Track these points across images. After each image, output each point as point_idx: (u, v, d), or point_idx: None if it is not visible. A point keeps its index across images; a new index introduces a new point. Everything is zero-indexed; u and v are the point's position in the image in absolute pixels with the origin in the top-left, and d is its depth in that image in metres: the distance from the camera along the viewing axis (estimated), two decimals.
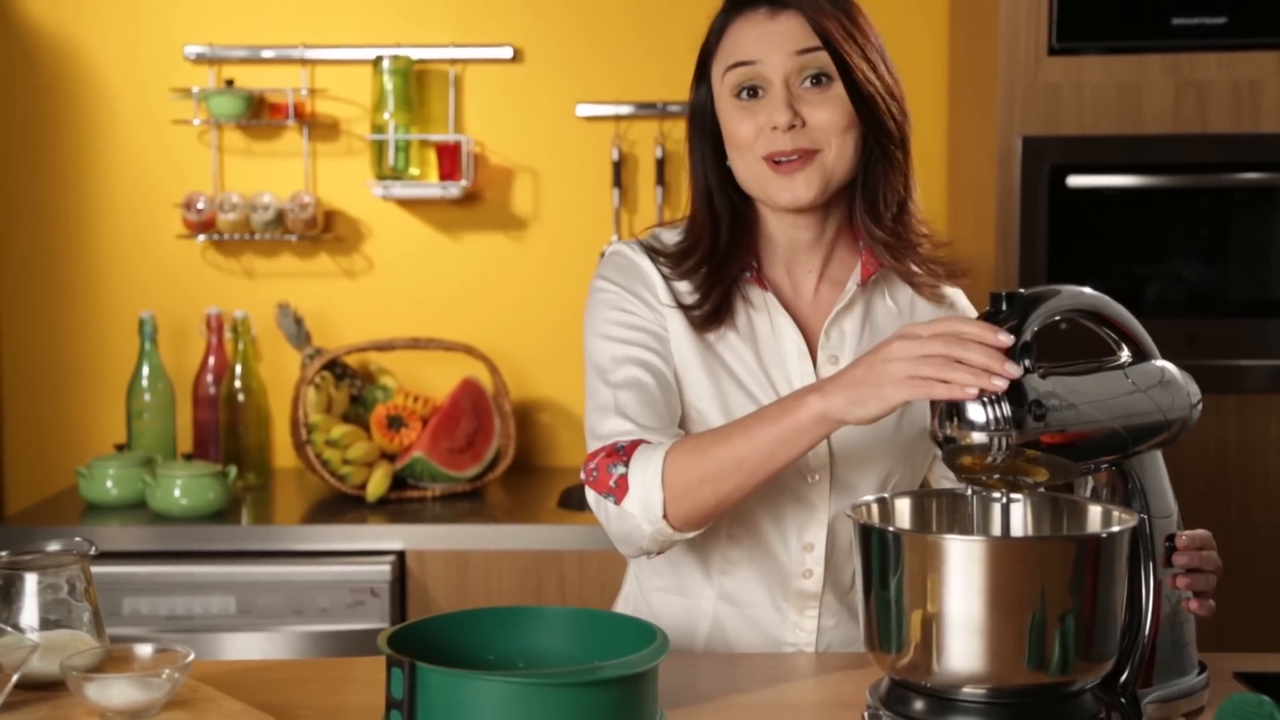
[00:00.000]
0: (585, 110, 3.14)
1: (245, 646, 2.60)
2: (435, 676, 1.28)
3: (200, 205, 3.07)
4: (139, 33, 3.16)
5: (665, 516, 1.50)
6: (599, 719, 1.29)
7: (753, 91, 1.59)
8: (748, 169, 1.61)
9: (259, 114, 3.14)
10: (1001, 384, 1.28)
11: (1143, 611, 1.42)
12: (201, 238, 3.11)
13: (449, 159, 3.09)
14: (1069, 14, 2.66)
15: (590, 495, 1.57)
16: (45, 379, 3.21)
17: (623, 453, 1.53)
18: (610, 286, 1.66)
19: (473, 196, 3.18)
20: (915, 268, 1.66)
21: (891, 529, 1.32)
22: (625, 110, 3.12)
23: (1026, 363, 1.31)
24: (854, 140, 1.59)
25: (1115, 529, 1.33)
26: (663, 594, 1.71)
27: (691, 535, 1.54)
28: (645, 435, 1.55)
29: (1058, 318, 1.37)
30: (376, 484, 2.83)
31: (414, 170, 3.11)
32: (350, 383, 2.99)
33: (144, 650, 1.40)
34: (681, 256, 1.65)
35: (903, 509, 1.45)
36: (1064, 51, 2.67)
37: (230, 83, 3.12)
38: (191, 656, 1.37)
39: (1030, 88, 2.68)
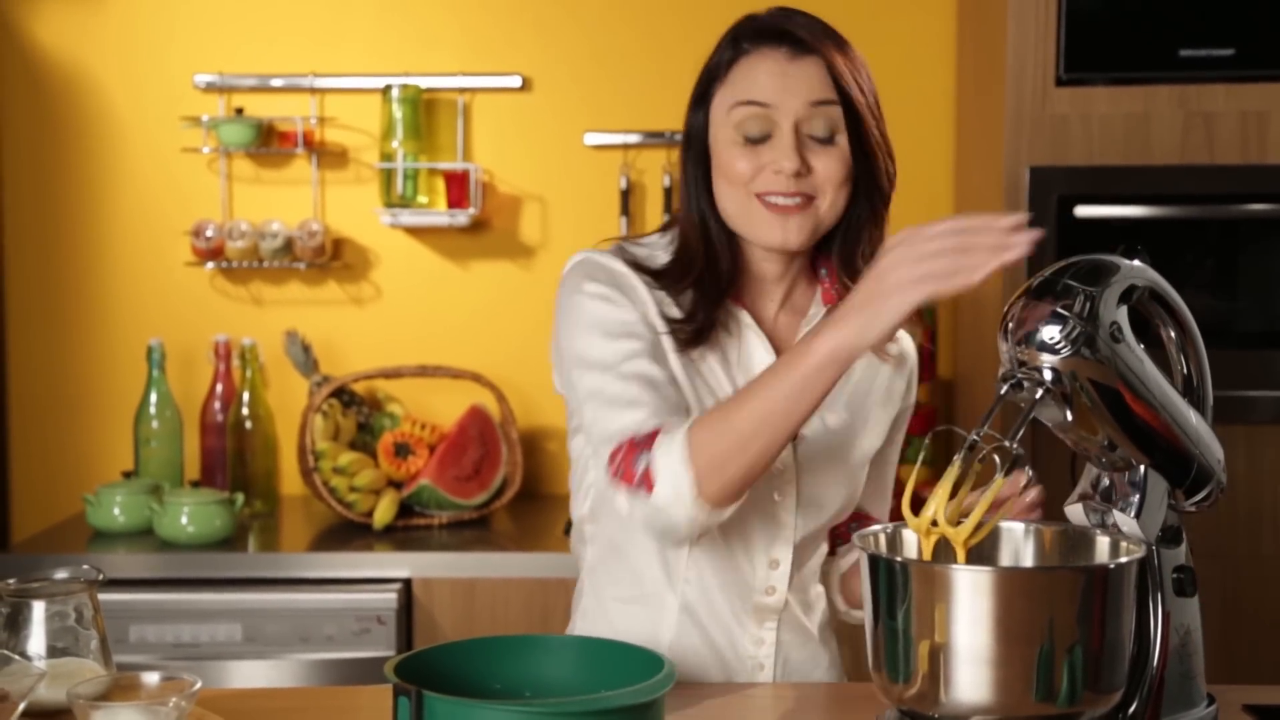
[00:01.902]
0: (593, 139, 3.15)
1: (251, 674, 2.59)
2: (442, 705, 1.28)
3: (209, 233, 3.09)
4: (149, 61, 3.18)
5: (700, 496, 1.46)
6: None
7: (756, 130, 1.57)
8: (738, 204, 1.60)
9: (268, 142, 3.15)
10: (1019, 250, 1.28)
11: (1151, 643, 1.41)
12: (210, 265, 3.11)
13: (457, 187, 3.09)
14: (1077, 45, 2.67)
15: (621, 498, 1.52)
16: (53, 406, 3.21)
17: (644, 443, 1.49)
18: (602, 289, 1.61)
19: (481, 225, 3.19)
20: None
21: (899, 559, 1.32)
22: (633, 139, 3.13)
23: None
24: (846, 194, 1.60)
25: (1123, 560, 1.32)
26: (622, 604, 1.68)
27: (729, 513, 1.50)
28: (661, 421, 1.51)
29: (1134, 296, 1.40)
30: (383, 512, 2.83)
31: (422, 198, 3.12)
32: (358, 410, 3.00)
33: (151, 678, 1.40)
34: (672, 277, 1.63)
35: (910, 539, 1.44)
36: (1072, 82, 2.68)
37: (240, 111, 3.13)
38: (198, 685, 1.37)
39: (1038, 118, 2.68)
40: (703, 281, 1.62)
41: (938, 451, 2.92)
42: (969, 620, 1.26)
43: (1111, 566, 1.30)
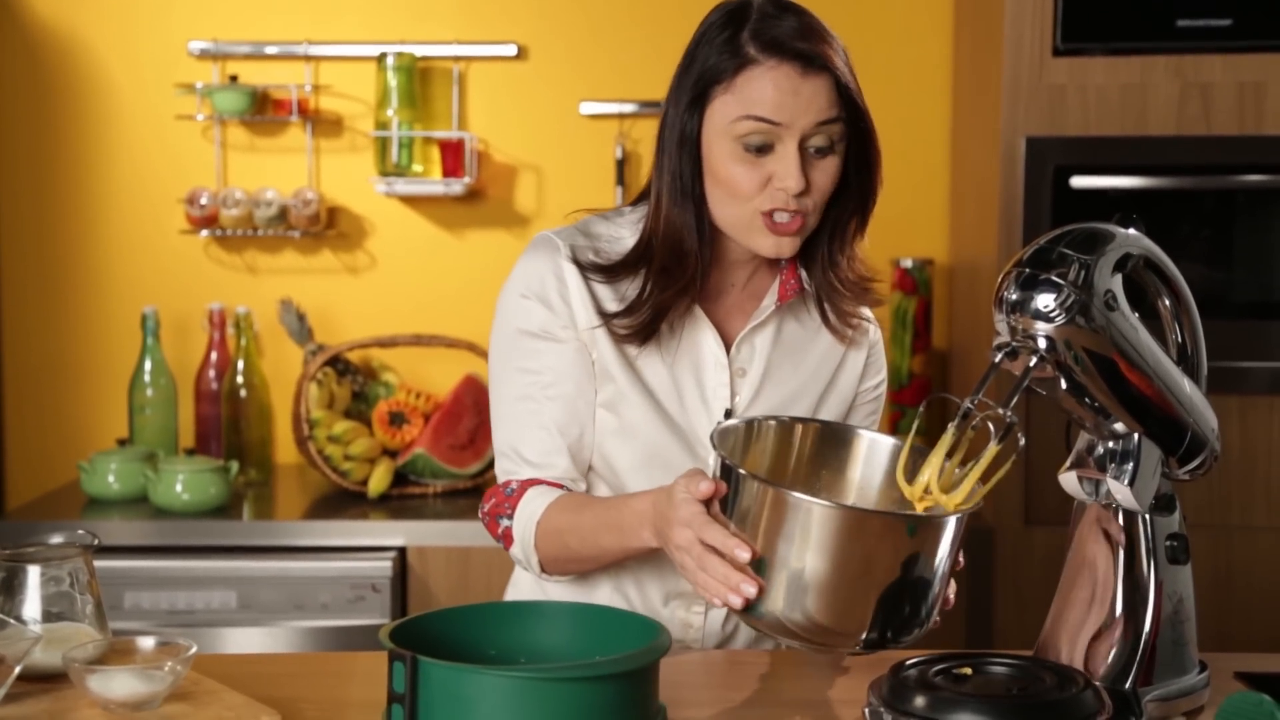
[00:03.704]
0: (589, 108, 3.14)
1: (246, 641, 2.60)
2: (437, 671, 1.28)
3: (203, 201, 3.08)
4: (143, 28, 3.16)
5: (544, 573, 1.62)
6: (600, 714, 1.29)
7: (763, 145, 1.53)
8: (739, 218, 1.56)
9: (263, 110, 3.14)
10: (736, 602, 1.33)
11: (1144, 610, 1.42)
12: (204, 233, 3.11)
13: (452, 156, 3.09)
14: (1074, 15, 2.66)
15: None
16: (48, 373, 3.21)
17: (509, 504, 1.60)
18: (529, 308, 1.62)
19: (476, 194, 3.18)
20: (846, 308, 1.68)
21: (741, 470, 1.35)
22: (629, 108, 3.12)
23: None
24: (826, 203, 1.60)
25: (939, 514, 1.34)
26: (554, 581, 1.68)
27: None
28: (537, 474, 1.61)
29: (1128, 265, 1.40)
30: (378, 480, 2.83)
31: (417, 167, 3.11)
32: (352, 379, 2.99)
33: (146, 643, 1.40)
34: (627, 267, 1.61)
35: (767, 435, 1.49)
36: (1069, 52, 2.67)
37: (234, 78, 3.12)
38: (194, 649, 1.37)
39: (1034, 88, 2.68)
40: (663, 285, 1.59)
41: (932, 421, 2.93)
42: (790, 541, 1.30)
43: (932, 519, 1.33)
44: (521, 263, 1.65)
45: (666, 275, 1.59)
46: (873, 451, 1.52)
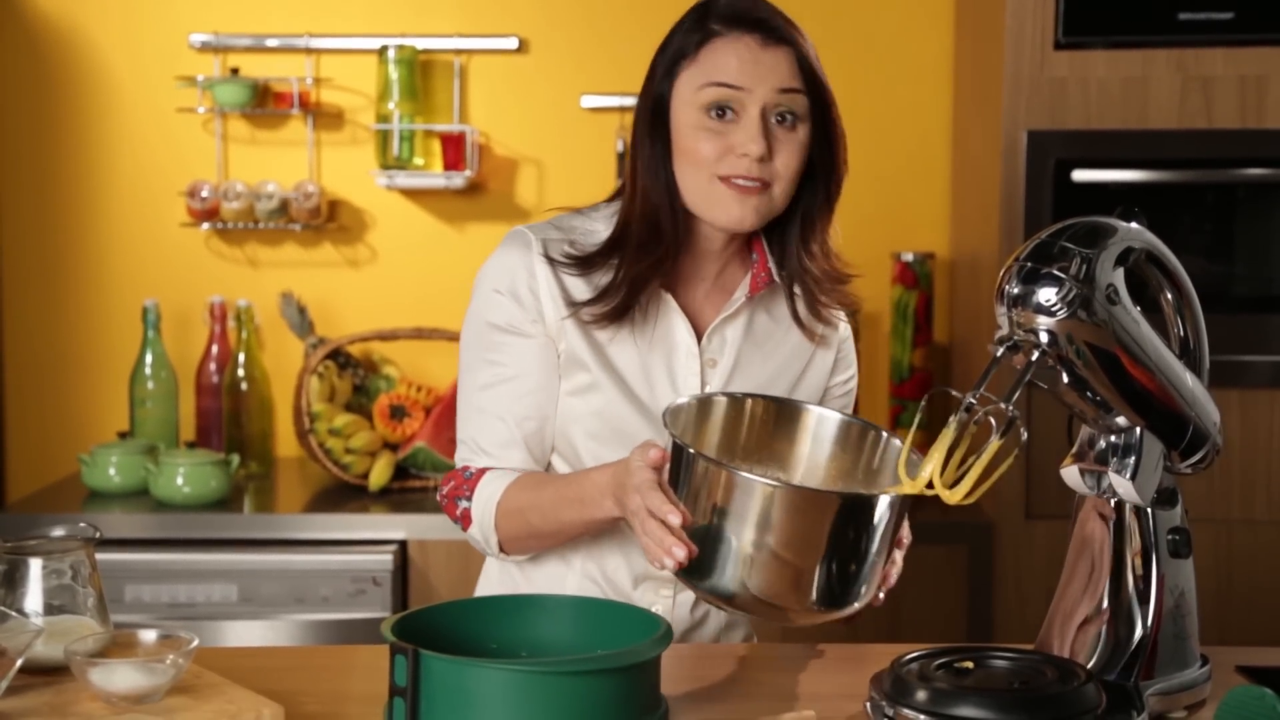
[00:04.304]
0: (590, 101, 3.14)
1: (247, 635, 2.60)
2: (439, 664, 1.28)
3: (204, 194, 3.07)
4: (144, 21, 3.16)
5: (502, 552, 1.64)
6: (603, 707, 1.30)
7: (722, 112, 1.56)
8: (698, 185, 1.59)
9: (263, 103, 3.14)
10: (669, 564, 1.37)
11: (1146, 604, 1.42)
12: (205, 226, 3.11)
13: (453, 149, 3.08)
14: (1075, 8, 2.66)
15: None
16: (48, 366, 3.21)
17: (468, 485, 1.63)
18: (499, 303, 1.64)
19: (477, 187, 3.18)
20: (820, 299, 1.68)
21: (690, 449, 1.37)
22: (630, 101, 3.12)
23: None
24: (796, 183, 1.61)
25: (878, 494, 1.38)
26: (521, 568, 1.71)
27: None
28: (492, 464, 1.64)
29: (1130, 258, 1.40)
30: (379, 473, 2.83)
31: (418, 160, 3.10)
32: (353, 372, 2.99)
33: (148, 636, 1.40)
34: (601, 255, 1.63)
35: (718, 411, 1.52)
36: (1070, 46, 2.67)
37: (235, 71, 3.12)
38: (195, 643, 1.37)
39: (1036, 82, 2.67)
40: (638, 260, 1.61)
41: (933, 415, 2.93)
42: (727, 515, 1.34)
43: (867, 497, 1.37)
44: (494, 257, 1.67)
45: (641, 251, 1.61)
46: (821, 425, 1.55)
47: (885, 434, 1.52)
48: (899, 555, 1.43)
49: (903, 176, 3.13)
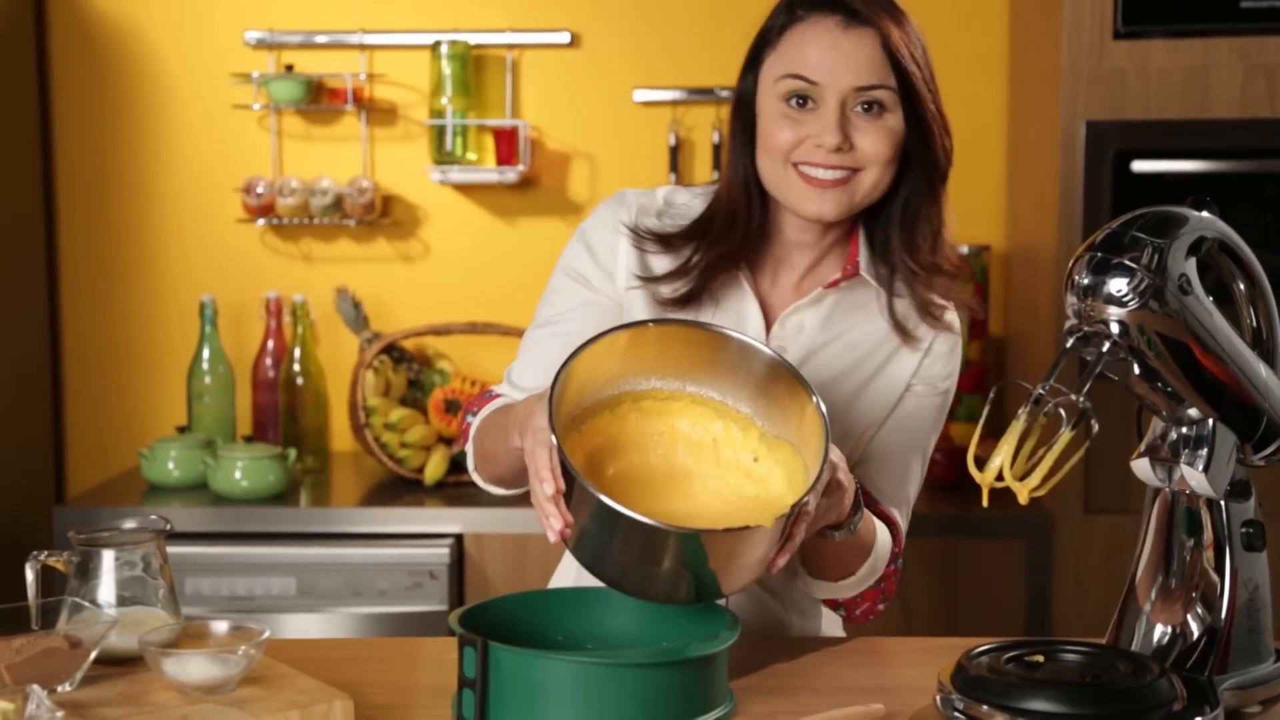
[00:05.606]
0: (642, 95, 3.14)
1: (305, 627, 2.62)
2: (508, 656, 1.28)
3: (260, 190, 3.09)
4: (199, 19, 3.18)
5: (478, 472, 1.65)
6: (673, 699, 1.29)
7: (802, 101, 1.54)
8: (775, 173, 1.57)
9: (318, 99, 3.15)
10: (549, 535, 1.34)
11: (1220, 598, 1.40)
12: (261, 222, 3.13)
13: (506, 144, 3.09)
14: None
15: None
16: (107, 362, 3.24)
17: (484, 402, 1.65)
18: (577, 251, 1.66)
19: (529, 182, 3.19)
20: (927, 296, 1.62)
21: (560, 449, 1.32)
22: (682, 95, 3.12)
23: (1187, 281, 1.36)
24: (892, 172, 1.57)
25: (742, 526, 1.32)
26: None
27: (510, 491, 1.65)
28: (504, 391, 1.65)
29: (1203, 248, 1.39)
30: (434, 467, 2.84)
31: (471, 155, 3.11)
32: (408, 367, 3.01)
33: (220, 627, 1.41)
34: (685, 237, 1.62)
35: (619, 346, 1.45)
36: (1129, 35, 2.64)
37: (289, 68, 3.13)
38: (267, 634, 1.38)
39: (1095, 72, 2.65)
40: (713, 248, 1.60)
41: (994, 411, 2.91)
42: (582, 516, 1.32)
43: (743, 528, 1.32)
44: (597, 209, 1.69)
45: (718, 240, 1.61)
46: (746, 359, 1.47)
47: (815, 399, 1.42)
48: (794, 542, 1.38)
49: (957, 168, 3.08)
